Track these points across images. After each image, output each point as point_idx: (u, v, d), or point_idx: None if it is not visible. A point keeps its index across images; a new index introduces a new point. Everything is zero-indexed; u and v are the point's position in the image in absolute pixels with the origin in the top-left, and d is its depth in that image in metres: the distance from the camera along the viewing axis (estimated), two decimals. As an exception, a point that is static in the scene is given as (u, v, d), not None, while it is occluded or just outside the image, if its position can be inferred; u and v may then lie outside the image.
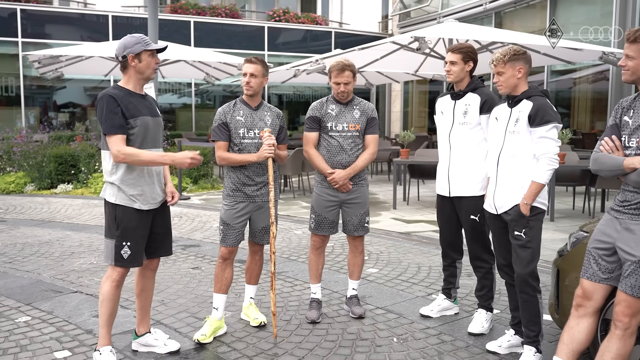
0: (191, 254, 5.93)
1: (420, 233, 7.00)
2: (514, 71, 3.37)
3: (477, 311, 4.01)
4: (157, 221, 3.44)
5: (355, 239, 4.20)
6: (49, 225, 7.40)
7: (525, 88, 3.41)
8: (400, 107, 19.39)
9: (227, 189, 3.89)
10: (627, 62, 2.68)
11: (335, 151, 4.03)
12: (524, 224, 3.35)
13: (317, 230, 4.13)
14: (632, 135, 2.71)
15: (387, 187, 10.78)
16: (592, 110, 12.91)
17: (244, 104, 3.90)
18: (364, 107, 4.10)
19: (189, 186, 10.64)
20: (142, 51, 3.27)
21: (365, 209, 4.15)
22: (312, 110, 4.10)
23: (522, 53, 3.40)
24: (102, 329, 3.35)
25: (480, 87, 3.93)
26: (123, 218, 3.26)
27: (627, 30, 2.72)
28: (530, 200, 3.31)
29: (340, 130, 4.02)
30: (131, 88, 3.32)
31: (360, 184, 4.12)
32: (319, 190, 4.14)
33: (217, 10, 18.05)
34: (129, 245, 3.27)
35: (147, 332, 3.58)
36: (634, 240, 2.65)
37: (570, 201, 8.96)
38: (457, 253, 4.14)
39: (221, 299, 3.84)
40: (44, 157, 10.75)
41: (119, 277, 3.33)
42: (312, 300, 4.19)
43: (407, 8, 18.55)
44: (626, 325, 2.66)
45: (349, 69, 3.98)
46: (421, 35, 8.16)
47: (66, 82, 16.26)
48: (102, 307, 3.32)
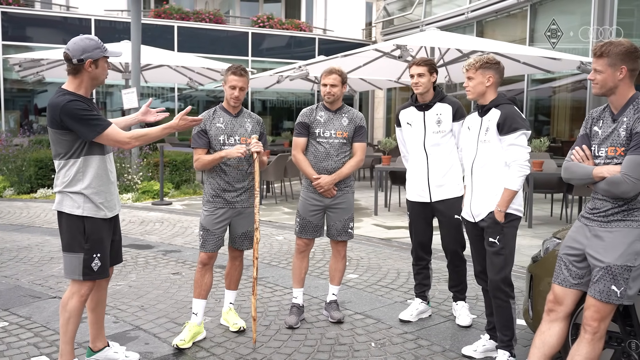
0: (172, 260, 5.93)
1: (401, 239, 7.07)
2: (483, 78, 3.46)
3: (456, 304, 4.22)
4: (115, 229, 3.36)
5: (338, 244, 4.26)
6: (28, 230, 7.34)
7: (494, 97, 3.49)
8: (383, 114, 19.54)
9: (207, 195, 3.90)
10: (596, 75, 2.77)
11: (322, 157, 4.10)
12: (498, 231, 3.42)
13: (301, 233, 4.19)
14: (602, 145, 2.80)
15: (369, 193, 10.85)
16: (571, 119, 13.13)
17: (224, 111, 3.93)
18: (353, 115, 4.18)
19: (170, 191, 10.61)
20: (100, 57, 3.13)
21: (350, 214, 4.22)
22: (301, 116, 4.20)
23: (495, 63, 3.48)
24: (67, 346, 3.18)
25: (446, 97, 4.11)
26: (92, 230, 3.12)
27: (594, 45, 2.81)
28: (504, 207, 3.38)
29: (328, 136, 4.10)
30: (82, 93, 3.13)
31: (346, 190, 4.19)
32: (305, 194, 4.21)
33: (201, 16, 18.05)
34: (99, 257, 3.14)
35: (105, 346, 3.44)
36: (602, 246, 2.73)
37: (548, 208, 9.10)
38: (429, 254, 4.31)
39: (200, 304, 3.86)
40: (24, 161, 10.64)
41: (88, 292, 3.18)
42: (292, 305, 4.23)
43: (390, 16, 18.72)
44: (595, 329, 2.73)
45: (337, 72, 4.09)
46: (403, 43, 8.27)
47: (47, 85, 16.12)
48: (69, 324, 3.15)
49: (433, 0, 16.91)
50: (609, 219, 2.75)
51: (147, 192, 10.22)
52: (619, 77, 2.71)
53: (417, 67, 4.02)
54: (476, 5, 14.38)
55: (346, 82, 4.16)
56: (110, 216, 3.24)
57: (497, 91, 3.52)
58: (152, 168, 10.90)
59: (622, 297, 2.68)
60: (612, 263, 2.68)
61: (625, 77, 2.72)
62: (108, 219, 3.23)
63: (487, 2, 14.01)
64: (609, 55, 2.71)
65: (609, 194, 2.71)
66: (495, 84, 3.49)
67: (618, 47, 2.69)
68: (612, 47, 2.70)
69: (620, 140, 2.71)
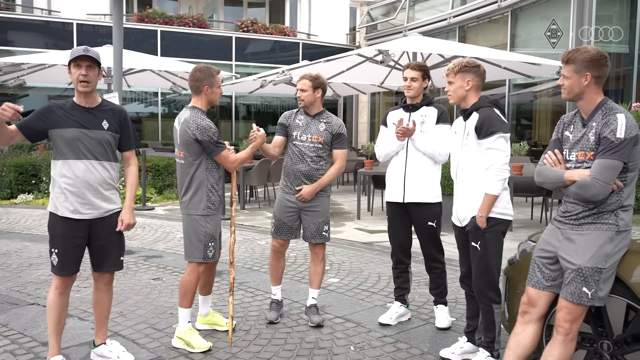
0: (152, 265, 5.90)
1: (383, 243, 7.10)
2: (462, 82, 3.47)
3: (437, 307, 4.26)
4: (97, 233, 3.38)
5: (315, 247, 4.31)
6: (7, 236, 7.26)
7: (475, 100, 3.49)
8: (367, 118, 19.62)
9: (214, 203, 3.83)
10: (564, 81, 2.82)
11: (297, 159, 4.20)
12: (480, 235, 3.44)
13: (276, 234, 4.29)
14: (572, 150, 2.85)
15: (352, 197, 10.88)
16: (552, 123, 13.30)
17: (203, 114, 3.89)
18: (331, 121, 4.25)
19: (153, 196, 10.56)
20: (70, 63, 3.26)
21: (324, 218, 4.26)
22: (282, 117, 4.34)
23: (474, 66, 3.48)
24: (51, 338, 3.39)
25: (433, 102, 4.18)
26: (52, 225, 3.34)
27: (563, 52, 2.86)
28: (484, 212, 3.38)
29: (304, 140, 4.19)
30: (75, 99, 3.35)
31: (320, 195, 4.25)
32: (280, 195, 4.31)
33: (184, 20, 18.01)
34: (56, 252, 3.30)
35: (102, 343, 3.55)
36: (574, 249, 2.78)
37: (529, 211, 9.20)
38: (409, 258, 4.34)
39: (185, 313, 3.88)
40: (4, 167, 10.54)
41: (60, 285, 3.35)
42: (272, 301, 4.35)
43: (374, 21, 18.84)
44: (567, 330, 2.77)
45: (307, 77, 4.18)
46: (386, 48, 8.32)
47: (28, 90, 15.97)
48: (48, 315, 3.36)
49: (416, 6, 17.06)
50: (580, 222, 2.80)
51: (130, 197, 10.15)
52: (584, 84, 2.76)
53: (411, 70, 4.09)
54: (458, 10, 14.54)
55: (320, 87, 4.19)
56: (73, 217, 3.29)
57: (480, 94, 3.51)
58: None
59: (593, 299, 2.73)
60: (583, 265, 2.73)
61: (591, 84, 2.76)
62: (72, 219, 3.29)
63: (469, 8, 14.18)
64: (574, 62, 2.75)
65: (579, 197, 2.76)
66: (476, 87, 3.48)
67: (584, 54, 2.74)
68: (578, 54, 2.75)
69: (590, 144, 2.76)
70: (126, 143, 3.49)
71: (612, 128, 2.66)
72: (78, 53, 3.24)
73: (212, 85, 3.79)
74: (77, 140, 3.27)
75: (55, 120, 3.28)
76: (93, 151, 3.32)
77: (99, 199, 3.35)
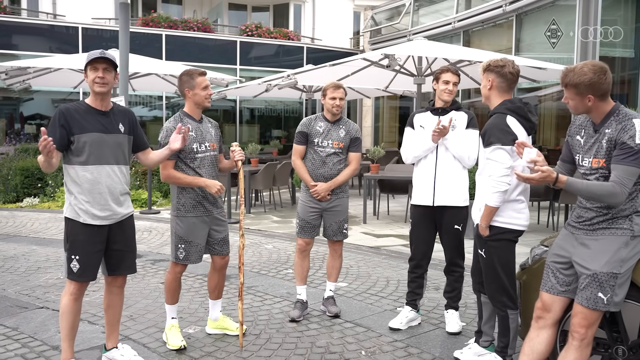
0: (160, 269, 5.90)
1: (390, 247, 7.09)
2: (486, 82, 3.41)
3: (447, 312, 4.25)
4: (115, 238, 3.39)
5: (334, 244, 4.55)
6: (14, 240, 7.27)
7: (498, 102, 3.37)
8: (371, 122, 19.62)
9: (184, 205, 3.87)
10: (568, 101, 2.81)
11: (318, 164, 4.41)
12: (482, 242, 3.43)
13: (301, 233, 4.49)
14: (585, 156, 2.84)
15: (358, 201, 10.86)
16: (557, 127, 13.29)
17: (188, 117, 3.89)
18: (349, 127, 4.47)
19: (159, 200, 10.57)
20: (86, 66, 3.26)
21: (344, 217, 4.52)
22: (301, 125, 4.48)
23: (497, 66, 3.34)
24: (64, 343, 3.39)
25: (461, 108, 4.21)
26: (72, 231, 3.29)
27: (561, 72, 2.80)
28: (483, 222, 3.34)
29: (326, 146, 4.40)
30: (90, 102, 3.31)
31: (340, 195, 4.50)
32: (304, 198, 4.52)
33: (189, 24, 18.04)
34: (77, 259, 3.27)
35: (113, 347, 3.56)
36: (588, 254, 2.77)
37: (536, 216, 9.18)
38: (427, 263, 4.33)
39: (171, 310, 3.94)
40: (10, 170, 10.56)
41: (75, 291, 3.34)
42: (297, 300, 4.51)
43: (378, 25, 18.85)
44: (582, 336, 2.76)
45: (343, 87, 4.42)
46: (391, 52, 8.33)
47: (34, 93, 16.01)
48: (62, 320, 3.35)
49: (420, 10, 17.06)
50: (594, 227, 2.79)
51: (135, 201, 10.17)
52: (588, 104, 2.74)
53: (453, 75, 4.11)
54: (463, 15, 14.54)
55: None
56: (95, 224, 3.28)
57: (510, 96, 3.36)
58: (140, 177, 10.86)
59: (608, 304, 2.72)
60: (598, 270, 2.72)
61: (595, 102, 2.72)
62: (93, 226, 3.28)
63: (473, 12, 14.18)
64: (574, 86, 2.72)
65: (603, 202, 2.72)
66: (498, 87, 3.35)
67: (581, 77, 2.68)
68: (575, 77, 2.69)
69: (603, 152, 2.74)
70: (142, 142, 3.57)
71: (630, 134, 2.65)
72: (95, 55, 3.24)
73: (192, 87, 3.80)
74: (99, 144, 3.26)
75: (77, 124, 3.21)
76: (113, 155, 3.33)
77: (117, 204, 3.37)
